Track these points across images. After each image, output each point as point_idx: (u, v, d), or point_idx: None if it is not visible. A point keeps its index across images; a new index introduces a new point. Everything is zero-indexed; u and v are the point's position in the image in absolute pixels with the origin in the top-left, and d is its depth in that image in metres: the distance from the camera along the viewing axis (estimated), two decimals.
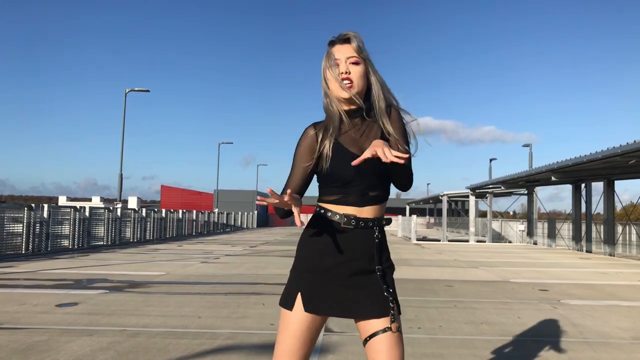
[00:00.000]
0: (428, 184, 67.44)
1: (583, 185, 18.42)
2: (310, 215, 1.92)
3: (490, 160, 31.83)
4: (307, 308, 1.73)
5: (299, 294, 1.75)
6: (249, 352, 4.09)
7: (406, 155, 1.54)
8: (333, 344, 4.36)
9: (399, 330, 1.73)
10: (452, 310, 6.10)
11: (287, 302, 1.77)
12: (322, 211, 1.80)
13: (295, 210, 1.58)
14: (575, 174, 15.99)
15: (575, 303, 6.83)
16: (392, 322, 1.71)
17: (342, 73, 1.79)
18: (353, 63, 1.80)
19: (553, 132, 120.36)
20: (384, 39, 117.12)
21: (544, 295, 7.49)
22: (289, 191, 1.55)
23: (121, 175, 20.21)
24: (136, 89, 19.77)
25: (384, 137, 1.81)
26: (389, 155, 1.52)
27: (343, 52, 1.81)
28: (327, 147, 1.77)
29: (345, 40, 1.83)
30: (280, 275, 9.39)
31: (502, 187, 20.60)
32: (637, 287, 8.79)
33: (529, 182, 19.21)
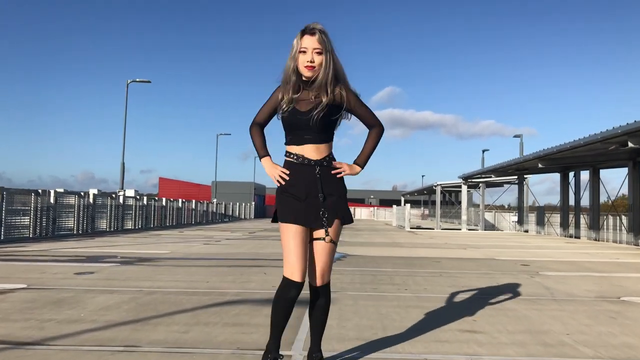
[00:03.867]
0: (423, 176, 68.23)
1: (572, 174, 19.06)
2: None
3: (483, 151, 32.50)
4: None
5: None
6: (253, 304, 4.64)
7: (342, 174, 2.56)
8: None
9: (332, 242, 2.50)
10: (437, 278, 6.67)
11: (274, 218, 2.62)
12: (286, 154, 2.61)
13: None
14: (561, 161, 16.59)
15: (551, 274, 7.42)
16: (326, 234, 2.48)
17: (308, 61, 2.43)
18: (317, 53, 2.44)
19: (551, 126, 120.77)
20: (383, 32, 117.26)
21: (525, 268, 8.07)
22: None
23: (123, 164, 20.69)
24: (137, 79, 20.25)
25: (335, 105, 2.51)
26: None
27: (310, 43, 2.44)
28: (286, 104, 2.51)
29: (313, 33, 2.45)
30: (278, 253, 9.94)
31: (493, 176, 21.21)
32: (612, 262, 9.40)
33: (518, 170, 19.82)
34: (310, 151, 2.50)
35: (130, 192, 21.01)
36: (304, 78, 2.49)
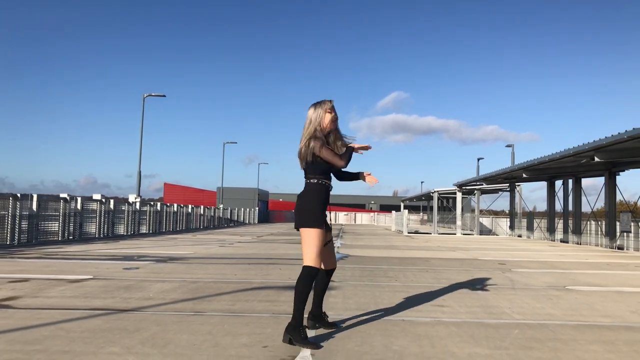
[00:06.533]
0: (422, 182, 69.39)
1: (561, 182, 20.42)
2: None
3: (478, 159, 33.86)
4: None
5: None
6: (277, 289, 6.02)
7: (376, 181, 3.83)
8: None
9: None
10: (423, 273, 8.05)
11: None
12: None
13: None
14: (544, 171, 17.99)
15: (521, 270, 8.79)
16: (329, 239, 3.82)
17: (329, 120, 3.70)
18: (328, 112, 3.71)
19: (554, 132, 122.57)
20: (386, 37, 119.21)
21: (501, 266, 9.44)
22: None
23: (140, 172, 22.06)
24: (154, 94, 21.69)
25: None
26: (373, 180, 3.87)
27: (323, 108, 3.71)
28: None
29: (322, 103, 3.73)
30: (289, 254, 11.34)
31: (484, 184, 22.61)
32: (579, 262, 10.76)
33: (507, 178, 21.23)
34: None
35: (132, 198, 22.35)
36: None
